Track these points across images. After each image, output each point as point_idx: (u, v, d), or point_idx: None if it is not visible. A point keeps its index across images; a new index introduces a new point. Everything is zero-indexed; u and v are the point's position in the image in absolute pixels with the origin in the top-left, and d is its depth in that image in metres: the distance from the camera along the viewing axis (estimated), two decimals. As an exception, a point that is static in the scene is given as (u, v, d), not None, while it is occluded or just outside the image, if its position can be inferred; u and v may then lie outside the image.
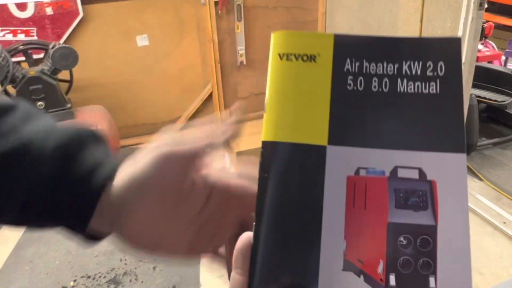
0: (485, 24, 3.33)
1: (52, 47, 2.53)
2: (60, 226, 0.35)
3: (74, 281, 2.07)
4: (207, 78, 3.52)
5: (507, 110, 3.12)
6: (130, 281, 2.05)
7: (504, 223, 2.26)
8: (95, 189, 0.34)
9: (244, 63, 3.52)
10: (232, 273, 0.28)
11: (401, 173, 0.27)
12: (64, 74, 2.70)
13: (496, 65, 3.57)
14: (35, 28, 2.85)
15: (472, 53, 2.30)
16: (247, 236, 0.28)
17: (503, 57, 3.71)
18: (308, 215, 0.27)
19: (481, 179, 2.68)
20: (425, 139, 0.27)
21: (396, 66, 0.28)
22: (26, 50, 2.61)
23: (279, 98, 0.29)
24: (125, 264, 2.16)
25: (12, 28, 2.80)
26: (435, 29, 2.41)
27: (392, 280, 0.25)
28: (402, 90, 0.28)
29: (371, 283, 0.25)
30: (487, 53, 3.58)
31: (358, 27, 3.14)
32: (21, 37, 2.83)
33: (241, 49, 3.44)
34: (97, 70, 3.16)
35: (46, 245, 2.33)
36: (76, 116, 2.62)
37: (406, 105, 0.28)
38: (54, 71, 2.54)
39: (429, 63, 0.28)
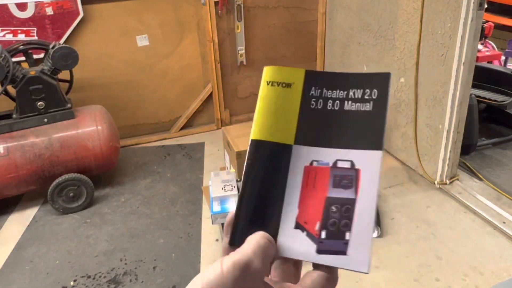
0: (485, 24, 3.34)
1: (52, 47, 2.53)
2: None
3: (74, 281, 2.07)
4: (207, 78, 3.52)
5: (507, 110, 3.13)
6: (130, 281, 2.05)
7: (504, 223, 2.26)
8: None
9: (244, 63, 3.52)
10: (223, 239, 0.38)
11: (340, 164, 0.39)
12: (64, 74, 2.70)
13: (496, 65, 3.57)
14: (35, 28, 2.85)
15: (472, 53, 2.30)
16: (232, 212, 0.38)
17: (503, 57, 3.71)
18: (275, 191, 0.39)
19: (481, 179, 2.67)
20: (357, 140, 0.39)
21: (345, 92, 0.40)
22: (26, 50, 2.61)
23: (264, 111, 0.41)
24: (125, 264, 2.16)
25: (12, 28, 2.81)
26: (435, 29, 2.41)
27: (323, 234, 0.37)
28: (347, 108, 0.40)
29: (310, 237, 0.37)
30: (487, 53, 3.58)
31: (358, 27, 3.14)
32: (21, 37, 2.83)
33: (241, 49, 3.45)
34: (97, 70, 3.16)
35: (46, 245, 2.33)
36: (76, 116, 2.62)
37: (348, 118, 0.40)
38: (54, 71, 2.54)
39: (367, 90, 0.40)
